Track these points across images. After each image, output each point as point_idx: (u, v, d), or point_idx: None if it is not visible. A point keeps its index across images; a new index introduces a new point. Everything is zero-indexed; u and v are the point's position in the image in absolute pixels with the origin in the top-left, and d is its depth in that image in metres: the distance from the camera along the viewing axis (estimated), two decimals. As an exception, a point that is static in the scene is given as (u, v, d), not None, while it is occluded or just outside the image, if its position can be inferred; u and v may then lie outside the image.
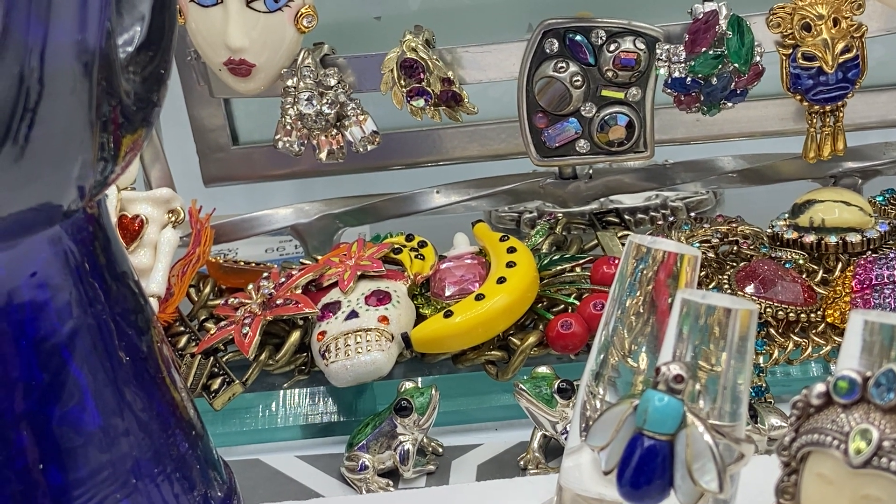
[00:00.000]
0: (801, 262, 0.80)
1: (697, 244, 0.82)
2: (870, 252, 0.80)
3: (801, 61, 0.77)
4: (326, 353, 0.77)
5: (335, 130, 0.83)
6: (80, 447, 0.50)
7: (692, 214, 0.95)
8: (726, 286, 0.77)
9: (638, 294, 0.56)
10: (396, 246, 0.85)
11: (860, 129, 0.89)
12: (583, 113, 0.81)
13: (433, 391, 0.74)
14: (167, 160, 0.90)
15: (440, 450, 0.77)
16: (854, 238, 0.80)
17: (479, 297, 0.78)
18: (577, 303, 0.80)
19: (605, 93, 0.81)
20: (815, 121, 0.80)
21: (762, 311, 0.75)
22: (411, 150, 0.94)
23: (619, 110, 0.81)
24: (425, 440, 0.76)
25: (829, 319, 0.76)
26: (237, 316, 0.80)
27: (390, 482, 0.74)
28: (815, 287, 0.78)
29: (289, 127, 0.84)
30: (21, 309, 0.48)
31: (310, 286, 0.82)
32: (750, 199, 0.97)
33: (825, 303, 0.77)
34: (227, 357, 0.80)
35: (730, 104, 0.80)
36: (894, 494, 0.45)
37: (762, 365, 0.75)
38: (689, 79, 0.78)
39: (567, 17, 0.80)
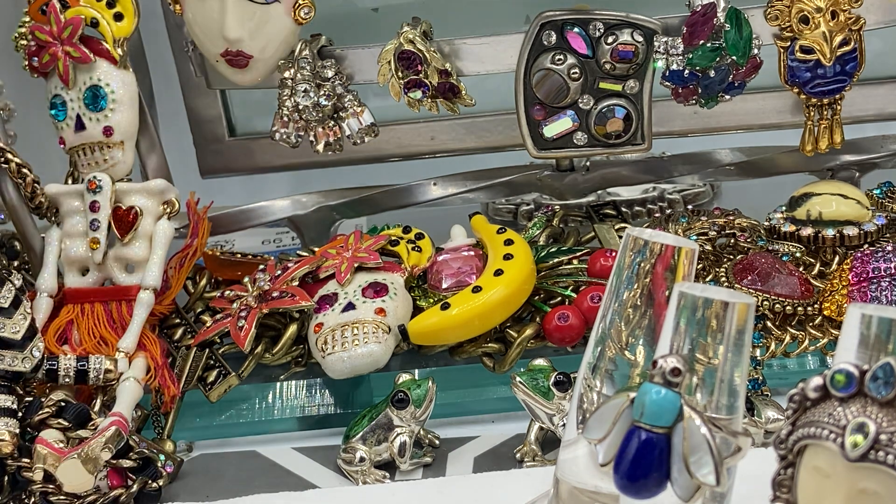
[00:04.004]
0: (798, 255, 0.80)
1: (695, 237, 0.82)
2: (867, 245, 0.80)
3: (798, 54, 0.77)
4: (323, 345, 0.76)
5: (332, 122, 0.83)
6: None
7: (689, 207, 0.95)
8: (723, 279, 0.77)
9: (635, 287, 0.56)
10: (393, 238, 0.85)
11: (858, 122, 0.89)
12: (580, 105, 0.81)
13: (430, 383, 0.74)
14: (164, 151, 0.90)
15: (437, 442, 0.77)
16: (851, 231, 0.80)
17: (476, 290, 0.78)
18: (574, 295, 0.80)
19: (602, 85, 0.81)
20: (812, 114, 0.80)
21: (759, 304, 0.75)
22: (408, 142, 0.94)
23: (616, 102, 0.81)
24: (422, 432, 0.76)
25: (825, 312, 0.76)
26: (233, 309, 0.80)
27: (387, 474, 0.74)
28: (812, 280, 0.79)
29: (286, 118, 0.83)
30: None
31: (306, 278, 0.82)
32: (747, 191, 0.97)
33: (822, 296, 0.77)
34: (223, 349, 0.80)
35: (727, 97, 0.80)
36: (891, 488, 0.45)
37: (759, 358, 0.75)
38: (686, 71, 0.78)
39: (565, 9, 0.80)
